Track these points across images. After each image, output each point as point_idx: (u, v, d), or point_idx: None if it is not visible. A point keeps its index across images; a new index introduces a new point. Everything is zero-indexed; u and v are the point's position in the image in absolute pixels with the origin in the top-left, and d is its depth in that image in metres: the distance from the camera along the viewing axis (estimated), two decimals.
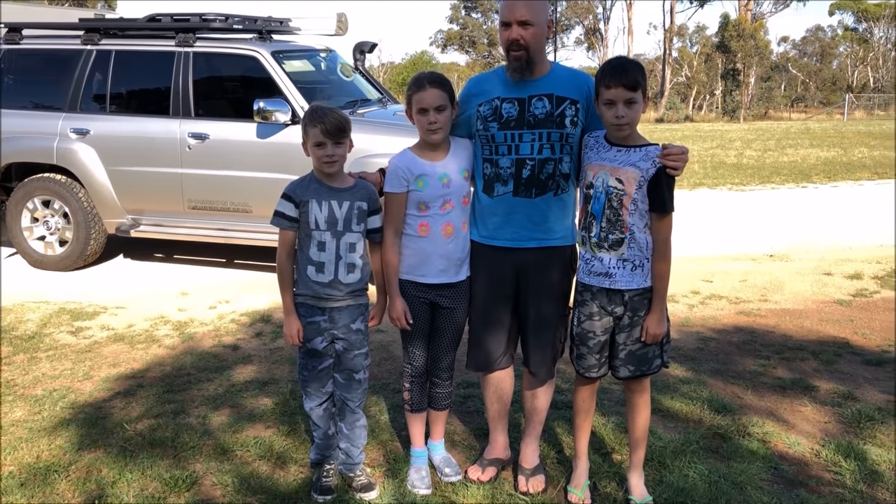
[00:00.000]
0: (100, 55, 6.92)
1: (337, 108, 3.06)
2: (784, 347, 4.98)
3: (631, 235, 2.90)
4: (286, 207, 3.03)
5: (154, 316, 5.84)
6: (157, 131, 6.70)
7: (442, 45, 59.15)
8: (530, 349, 3.22)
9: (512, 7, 2.99)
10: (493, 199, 3.13)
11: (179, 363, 4.84)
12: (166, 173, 6.69)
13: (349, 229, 3.06)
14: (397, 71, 43.06)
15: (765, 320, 5.63)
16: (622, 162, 2.90)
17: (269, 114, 6.25)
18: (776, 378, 4.45)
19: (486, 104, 3.11)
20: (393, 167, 3.15)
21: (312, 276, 3.04)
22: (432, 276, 3.19)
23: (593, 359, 3.06)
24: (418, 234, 3.16)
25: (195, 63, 6.68)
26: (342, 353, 3.13)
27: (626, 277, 2.93)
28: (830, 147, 19.08)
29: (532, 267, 3.14)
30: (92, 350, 5.11)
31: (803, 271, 7.02)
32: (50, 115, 6.96)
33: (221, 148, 6.57)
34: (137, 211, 6.92)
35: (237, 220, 6.70)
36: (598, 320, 3.01)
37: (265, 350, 5.09)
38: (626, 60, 2.94)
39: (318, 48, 7.57)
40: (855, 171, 14.17)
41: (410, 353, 3.31)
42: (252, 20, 7.00)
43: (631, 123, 2.89)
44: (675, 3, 52.12)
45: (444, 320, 3.27)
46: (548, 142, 3.04)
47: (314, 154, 3.01)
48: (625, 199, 2.88)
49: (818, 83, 57.23)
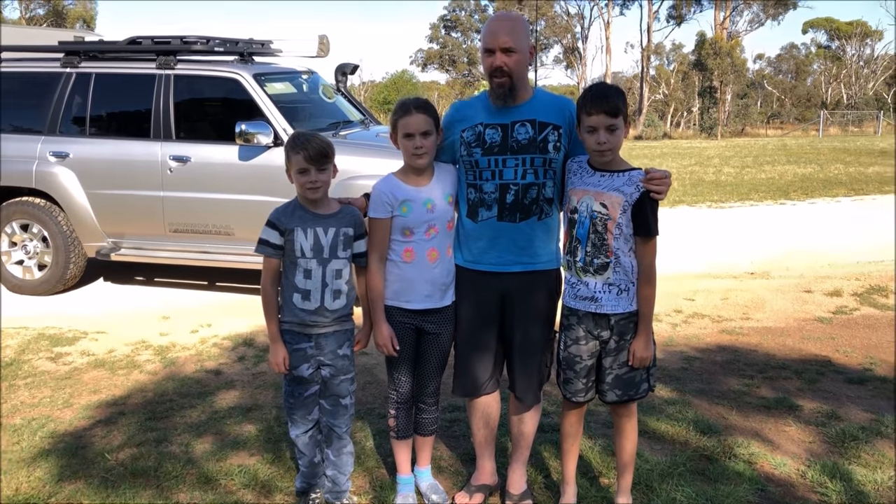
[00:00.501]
0: (80, 78, 6.88)
1: (319, 134, 3.06)
2: (767, 366, 5.01)
3: (616, 259, 2.92)
4: (271, 235, 3.02)
5: (135, 341, 5.78)
6: (138, 154, 6.66)
7: (422, 64, 59.42)
8: (517, 374, 3.21)
9: (495, 34, 3.00)
10: (478, 224, 3.13)
11: (161, 389, 4.78)
12: (147, 196, 6.64)
13: (335, 256, 3.05)
14: (378, 90, 43.20)
15: (747, 339, 5.67)
16: (606, 187, 2.92)
17: (251, 136, 6.23)
18: (760, 398, 4.47)
19: (469, 130, 3.12)
20: (377, 192, 3.15)
21: (298, 304, 3.03)
22: (417, 301, 3.18)
23: (580, 383, 3.06)
24: (403, 259, 3.15)
25: (176, 85, 6.66)
26: (329, 379, 3.11)
27: (611, 301, 2.94)
28: (807, 164, 19.29)
29: (517, 291, 3.14)
30: (72, 377, 5.04)
31: (784, 289, 7.08)
32: (29, 138, 6.89)
33: (203, 171, 6.53)
34: (118, 234, 6.86)
35: (219, 243, 6.66)
36: (585, 344, 3.01)
37: (248, 375, 5.05)
38: (606, 87, 2.97)
39: (300, 70, 7.57)
40: (832, 187, 14.32)
41: (396, 379, 3.29)
42: (233, 42, 6.99)
43: (613, 149, 2.91)
44: (653, 22, 52.77)
45: (429, 345, 3.25)
46: (531, 167, 3.06)
47: (298, 181, 3.00)
48: (609, 223, 2.90)
49: (793, 100, 58.08)
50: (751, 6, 52.06)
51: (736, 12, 52.32)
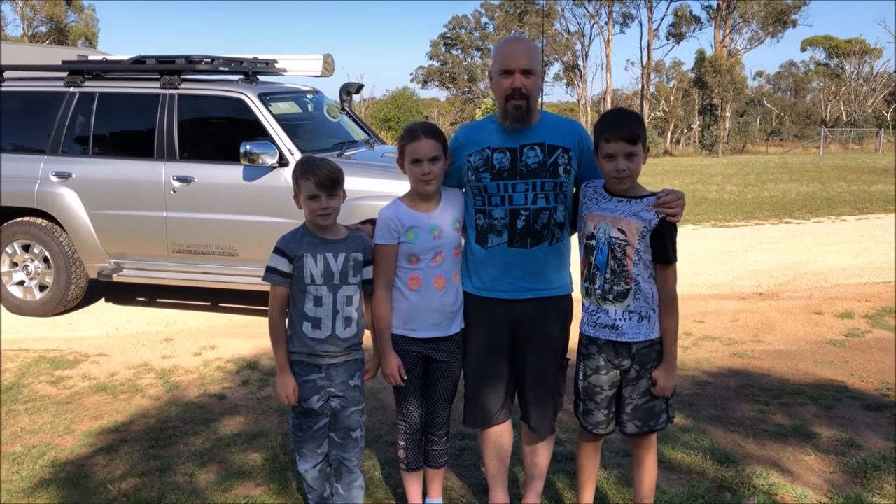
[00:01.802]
0: (83, 97, 6.83)
1: (329, 159, 2.99)
2: (782, 392, 4.92)
3: (636, 286, 2.84)
4: (279, 262, 2.94)
5: (137, 364, 5.69)
6: (141, 174, 6.60)
7: (422, 82, 59.65)
8: (530, 404, 3.12)
9: (515, 55, 2.94)
10: (487, 251, 3.06)
11: (164, 415, 4.69)
12: (150, 217, 6.57)
13: (346, 282, 2.97)
14: (379, 107, 43.23)
15: (759, 362, 5.58)
16: (624, 212, 2.85)
17: (256, 156, 6.17)
18: (776, 425, 4.38)
19: (476, 154, 3.05)
20: (383, 218, 3.07)
21: (308, 333, 2.94)
22: (424, 330, 3.09)
23: (601, 414, 2.97)
24: (409, 287, 3.07)
25: (180, 105, 6.60)
26: (339, 411, 3.02)
27: (633, 329, 2.86)
28: (810, 182, 19.28)
29: (529, 319, 3.06)
30: (73, 401, 4.94)
31: (794, 310, 6.99)
32: (31, 157, 6.83)
33: (207, 191, 6.47)
34: (120, 255, 6.79)
35: (223, 264, 6.58)
36: (605, 374, 2.93)
37: (252, 399, 4.95)
38: (624, 113, 2.91)
39: (305, 89, 7.53)
40: (836, 206, 14.29)
41: (405, 410, 3.20)
42: (238, 62, 6.94)
43: (632, 176, 2.84)
44: (653, 39, 52.99)
45: (438, 375, 3.17)
46: (542, 191, 2.99)
47: (308, 207, 2.93)
48: (628, 249, 2.82)
49: (793, 117, 58.22)
50: (750, 24, 52.34)
51: (735, 30, 52.59)
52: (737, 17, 51.75)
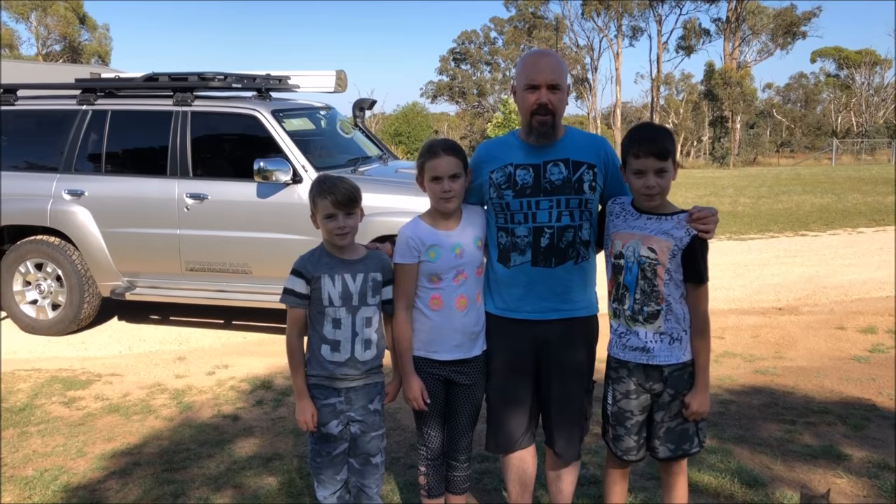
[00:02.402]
0: (96, 115, 6.80)
1: (346, 177, 2.92)
2: (808, 410, 4.80)
3: (668, 307, 2.75)
4: (297, 284, 2.86)
5: (150, 384, 5.62)
6: (155, 192, 6.56)
7: (432, 96, 59.82)
8: (555, 429, 3.03)
9: (542, 70, 2.87)
10: (511, 270, 2.98)
11: (178, 437, 4.61)
12: (163, 234, 6.53)
13: (365, 303, 2.89)
14: (389, 122, 43.34)
15: (782, 380, 5.46)
16: (654, 230, 2.76)
17: (270, 173, 6.12)
18: (805, 445, 4.26)
19: (498, 171, 2.98)
20: (403, 237, 3.00)
21: (327, 356, 2.86)
22: (445, 352, 3.01)
23: (632, 440, 2.87)
24: (430, 307, 2.99)
25: (193, 122, 6.57)
26: (358, 436, 2.94)
27: (664, 352, 2.77)
28: (823, 193, 19.12)
29: (554, 340, 2.97)
30: (85, 423, 4.88)
31: (815, 325, 6.87)
32: (44, 176, 6.81)
33: (220, 208, 6.42)
34: (133, 273, 6.74)
35: (236, 282, 6.52)
36: (636, 399, 2.83)
37: (267, 420, 4.87)
38: (654, 128, 2.83)
39: (318, 105, 7.49)
40: (852, 217, 14.14)
41: (425, 434, 3.12)
42: (251, 78, 6.91)
43: (662, 193, 2.76)
44: (662, 52, 52.99)
45: (460, 398, 3.08)
46: (566, 209, 2.91)
47: (325, 227, 2.86)
48: (659, 268, 2.73)
49: (803, 129, 57.96)
50: (759, 36, 52.27)
51: (744, 42, 52.52)
52: (746, 30, 51.73)
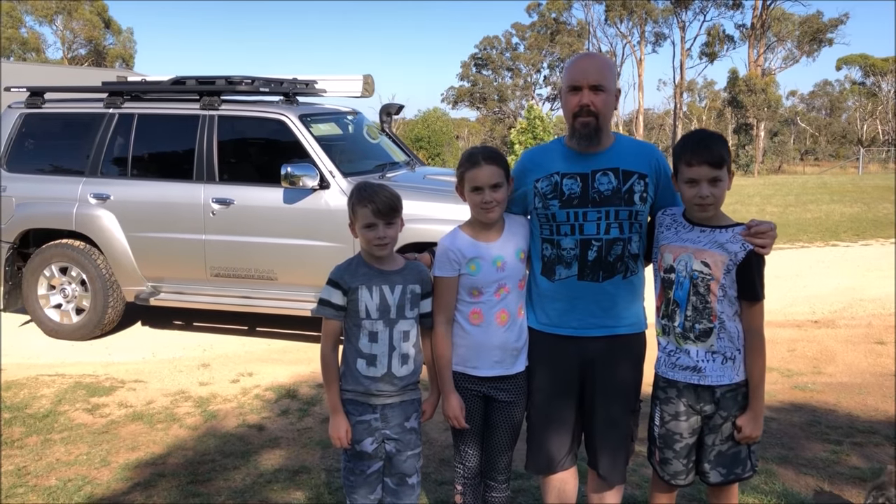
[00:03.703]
0: (122, 118, 6.75)
1: (387, 185, 2.81)
2: (853, 430, 4.62)
3: (721, 324, 2.61)
4: (333, 295, 2.75)
5: (174, 391, 5.54)
6: (180, 196, 6.49)
7: (453, 102, 59.75)
8: (599, 451, 2.89)
9: (584, 70, 2.74)
10: (555, 284, 2.84)
11: (202, 447, 4.52)
12: (189, 239, 6.45)
13: (402, 316, 2.77)
14: (410, 127, 43.26)
15: (823, 396, 5.28)
16: (708, 244, 2.62)
17: (297, 179, 6.02)
18: (853, 467, 4.08)
19: (543, 180, 2.85)
20: (443, 249, 2.88)
21: (363, 371, 2.75)
22: (486, 367, 2.89)
23: (680, 464, 2.73)
24: (470, 322, 2.88)
25: (220, 126, 6.50)
26: (394, 454, 2.81)
27: (716, 372, 2.63)
28: (852, 202, 18.78)
29: (600, 358, 2.83)
30: (109, 431, 4.80)
31: (853, 339, 6.67)
32: (70, 179, 6.76)
33: (246, 213, 6.34)
34: (158, 278, 6.67)
35: (261, 288, 6.43)
36: (686, 420, 2.69)
37: (293, 431, 4.77)
38: (708, 134, 2.69)
39: (345, 110, 7.40)
40: (883, 228, 13.84)
41: (463, 452, 2.99)
42: (278, 82, 6.84)
43: (716, 203, 2.62)
44: (685, 59, 52.62)
45: (499, 416, 2.96)
46: (615, 220, 2.77)
47: (364, 236, 2.75)
48: (712, 284, 2.60)
49: (828, 136, 57.29)
50: (784, 43, 51.76)
51: (769, 49, 52.02)
52: (771, 37, 51.23)
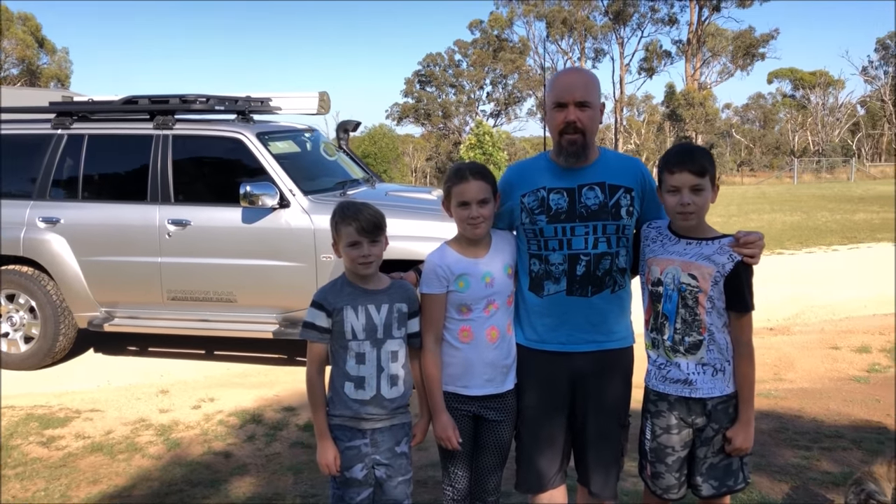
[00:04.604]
0: (71, 139, 6.54)
1: (370, 204, 2.76)
2: (820, 435, 4.70)
3: (710, 336, 2.62)
4: (317, 317, 2.68)
5: (133, 419, 5.35)
6: (134, 218, 6.30)
7: (398, 118, 59.79)
8: (591, 468, 2.87)
9: (569, 87, 2.74)
10: (543, 299, 2.82)
11: (168, 477, 4.36)
12: (144, 262, 6.26)
13: (390, 336, 2.72)
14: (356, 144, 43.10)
15: (787, 403, 5.37)
16: (695, 256, 2.63)
17: (256, 198, 5.90)
18: (825, 472, 4.15)
19: (530, 195, 2.83)
20: (430, 265, 2.84)
21: (351, 394, 2.68)
22: (476, 387, 2.85)
23: (672, 478, 2.73)
24: (460, 339, 2.83)
25: (175, 146, 6.33)
26: (385, 480, 2.74)
27: (707, 384, 2.63)
28: (792, 211, 19.35)
29: (590, 373, 2.82)
30: (67, 464, 4.60)
31: (809, 345, 6.82)
32: (17, 203, 6.50)
33: (204, 234, 6.18)
34: (112, 303, 6.45)
35: (221, 311, 6.27)
36: (677, 433, 2.69)
37: (261, 457, 4.64)
38: (691, 145, 2.72)
39: (301, 128, 7.30)
40: (824, 236, 14.28)
41: (452, 474, 2.94)
42: (233, 101, 6.71)
43: (698, 212, 2.64)
44: (625, 74, 53.72)
45: (489, 435, 2.91)
46: (603, 235, 2.77)
47: (348, 255, 2.69)
48: (700, 296, 2.61)
49: (762, 148, 59.00)
50: (719, 58, 53.27)
51: (705, 64, 53.49)
52: (706, 52, 52.68)
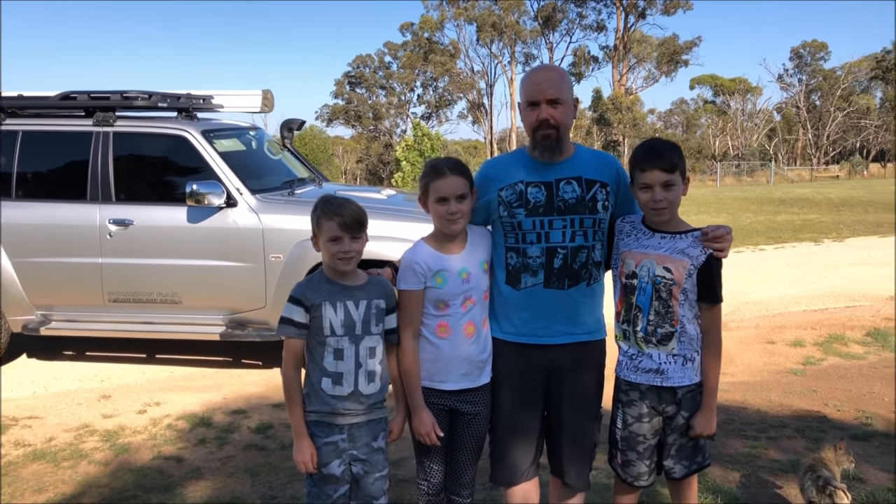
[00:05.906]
0: (4, 136, 6.26)
1: (352, 200, 2.74)
2: (766, 425, 4.88)
3: (682, 328, 2.69)
4: (294, 312, 2.65)
5: (76, 426, 5.16)
6: (73, 218, 6.08)
7: (328, 120, 59.34)
8: (565, 459, 2.91)
9: (540, 86, 2.78)
10: (520, 292, 2.85)
11: (119, 483, 4.23)
12: (83, 263, 6.05)
13: (368, 332, 2.70)
14: None
15: (731, 395, 5.55)
16: (669, 249, 2.71)
17: (202, 196, 5.77)
18: (773, 460, 4.31)
19: (508, 188, 2.86)
20: (407, 262, 2.84)
21: (329, 390, 2.65)
22: (453, 381, 2.86)
23: (644, 465, 2.79)
24: (437, 335, 2.84)
25: (116, 143, 6.14)
26: (361, 476, 2.72)
27: (678, 373, 2.71)
28: (717, 213, 19.97)
29: (566, 366, 2.86)
30: (8, 473, 4.41)
31: (746, 340, 7.06)
32: None
33: (147, 234, 6.01)
34: (48, 306, 6.21)
35: (165, 313, 6.11)
36: (648, 422, 2.76)
37: (215, 460, 4.54)
38: (660, 142, 2.79)
39: (245, 126, 7.18)
40: (751, 236, 14.79)
41: (427, 468, 2.94)
42: (175, 97, 6.54)
43: (670, 207, 2.72)
44: None
45: (465, 429, 2.93)
46: (580, 228, 2.81)
47: (328, 250, 2.66)
48: (674, 289, 2.68)
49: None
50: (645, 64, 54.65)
51: (631, 70, 54.80)
52: (632, 58, 53.97)
